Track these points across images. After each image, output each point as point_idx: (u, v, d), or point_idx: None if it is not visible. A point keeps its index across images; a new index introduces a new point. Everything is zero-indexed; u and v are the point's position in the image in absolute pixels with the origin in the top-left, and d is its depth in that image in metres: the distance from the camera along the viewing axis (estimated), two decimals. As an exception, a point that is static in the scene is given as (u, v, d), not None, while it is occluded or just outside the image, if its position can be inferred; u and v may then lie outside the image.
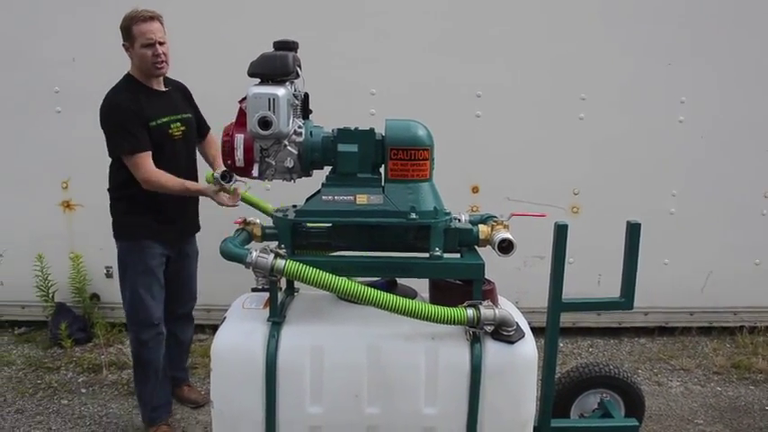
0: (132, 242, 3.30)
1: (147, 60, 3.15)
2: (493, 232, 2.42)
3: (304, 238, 2.47)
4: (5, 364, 4.37)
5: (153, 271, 3.31)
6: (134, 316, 3.35)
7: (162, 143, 3.21)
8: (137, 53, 3.16)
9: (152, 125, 3.17)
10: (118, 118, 3.12)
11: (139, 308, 3.31)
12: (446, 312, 2.24)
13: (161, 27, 3.18)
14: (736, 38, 4.49)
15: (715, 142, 4.60)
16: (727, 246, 4.71)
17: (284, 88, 2.31)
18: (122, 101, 3.14)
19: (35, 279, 4.59)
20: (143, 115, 3.14)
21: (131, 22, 3.13)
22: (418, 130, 2.32)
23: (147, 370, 3.40)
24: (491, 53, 4.44)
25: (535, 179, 4.51)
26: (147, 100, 3.20)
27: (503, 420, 2.35)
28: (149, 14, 3.14)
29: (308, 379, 2.30)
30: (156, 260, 3.32)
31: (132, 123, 3.10)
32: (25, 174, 4.57)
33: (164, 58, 3.18)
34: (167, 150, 3.24)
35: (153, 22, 3.14)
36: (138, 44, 3.13)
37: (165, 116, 3.23)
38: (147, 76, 3.23)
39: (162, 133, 3.21)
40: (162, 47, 3.16)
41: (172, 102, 3.33)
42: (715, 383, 4.27)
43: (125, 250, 3.33)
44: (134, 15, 3.14)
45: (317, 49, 3.26)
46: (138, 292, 3.29)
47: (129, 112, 3.10)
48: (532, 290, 4.28)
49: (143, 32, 3.11)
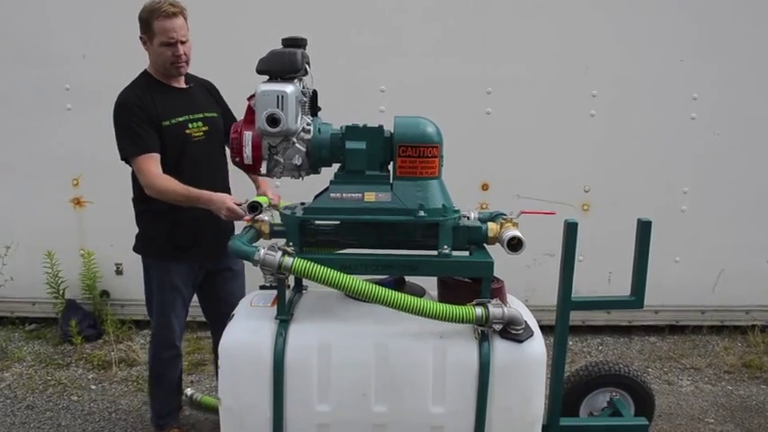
0: (157, 261, 3.14)
1: (166, 60, 2.95)
2: (502, 230, 2.40)
3: (312, 236, 2.47)
4: (16, 360, 4.40)
5: (178, 288, 3.13)
6: (158, 333, 3.24)
7: (178, 145, 2.99)
8: (155, 50, 2.95)
9: (165, 125, 2.95)
10: (123, 116, 2.94)
11: (164, 327, 3.19)
12: (454, 311, 2.23)
13: (184, 24, 2.95)
14: (748, 34, 4.45)
15: (727, 139, 4.57)
16: (739, 244, 4.68)
17: (293, 85, 2.30)
18: (129, 98, 2.95)
19: (45, 276, 4.62)
20: (153, 114, 2.93)
21: (152, 15, 2.89)
22: (427, 127, 2.31)
23: (160, 383, 3.33)
24: (501, 50, 4.42)
25: (546, 176, 4.49)
26: (161, 98, 2.99)
27: (511, 419, 2.33)
28: (173, 10, 2.89)
29: (315, 377, 2.29)
30: (183, 276, 3.13)
31: (138, 122, 2.90)
32: (36, 171, 4.60)
33: (184, 59, 2.97)
34: (186, 153, 3.01)
35: (176, 18, 2.90)
36: (157, 41, 2.92)
37: (181, 115, 3.01)
38: (165, 75, 3.04)
39: (177, 134, 2.98)
40: (183, 46, 2.94)
41: (192, 99, 3.09)
42: (726, 382, 4.24)
43: (149, 266, 3.18)
44: (156, 8, 2.89)
45: (327, 46, 3.25)
46: (164, 311, 3.15)
47: (134, 108, 2.91)
48: (542, 288, 4.28)
49: (164, 30, 2.89)
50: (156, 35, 2.91)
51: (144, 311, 4.68)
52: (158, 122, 2.94)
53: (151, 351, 3.32)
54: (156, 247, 3.11)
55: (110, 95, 3.14)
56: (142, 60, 3.11)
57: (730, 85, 4.50)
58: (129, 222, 3.26)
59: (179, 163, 2.98)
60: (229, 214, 2.73)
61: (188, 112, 3.04)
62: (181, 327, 3.25)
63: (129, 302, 4.79)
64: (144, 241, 3.17)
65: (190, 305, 3.27)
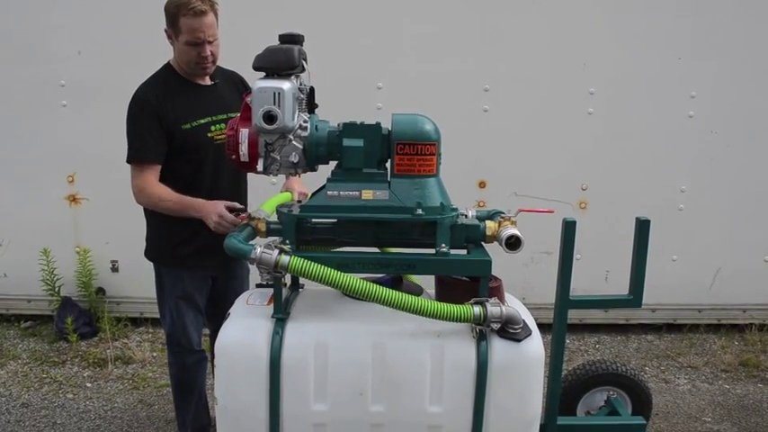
0: (170, 269, 3.03)
1: (191, 60, 2.78)
2: (500, 228, 2.38)
3: (309, 234, 2.45)
4: (11, 358, 4.38)
5: (191, 296, 3.04)
6: (176, 341, 3.09)
7: (200, 148, 2.84)
8: (179, 47, 2.78)
9: (185, 128, 2.80)
10: (135, 115, 2.80)
11: (181, 333, 3.06)
12: (452, 310, 2.22)
13: (214, 21, 2.75)
14: (746, 32, 4.45)
15: (725, 138, 4.57)
16: (737, 242, 4.68)
17: (290, 82, 2.28)
18: (147, 96, 2.80)
19: (41, 273, 4.59)
20: (170, 117, 2.78)
21: (179, 11, 2.69)
22: (425, 124, 2.29)
23: (190, 393, 3.18)
24: (499, 47, 4.41)
25: (543, 174, 4.49)
26: (183, 97, 2.83)
27: (509, 418, 2.32)
28: (202, 7, 2.67)
29: (312, 376, 2.28)
30: (195, 284, 3.04)
31: (148, 126, 2.76)
32: (31, 167, 4.58)
33: (211, 59, 2.79)
34: (209, 156, 2.85)
35: (205, 16, 2.69)
36: (182, 39, 2.73)
37: (204, 116, 2.84)
38: (189, 73, 2.87)
39: (199, 137, 2.83)
40: (211, 45, 2.75)
41: (217, 98, 2.90)
42: (723, 381, 4.24)
43: (161, 274, 3.07)
44: (184, 3, 2.67)
45: (323, 43, 3.23)
46: (180, 318, 3.04)
47: (148, 110, 2.77)
48: (538, 286, 4.27)
49: (192, 29, 2.70)
50: (183, 33, 2.73)
51: (140, 309, 4.76)
52: (176, 126, 2.80)
53: (171, 360, 3.17)
54: (169, 256, 3.01)
55: (105, 92, 3.13)
56: (139, 57, 3.06)
57: (728, 84, 4.49)
58: (125, 220, 3.24)
59: (200, 167, 2.87)
60: (220, 222, 2.57)
61: (211, 113, 2.87)
62: (198, 331, 3.12)
63: (125, 300, 4.78)
64: (156, 248, 3.06)
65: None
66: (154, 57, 2.93)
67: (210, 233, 2.65)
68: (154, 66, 2.94)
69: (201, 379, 3.23)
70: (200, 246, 2.88)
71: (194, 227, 2.77)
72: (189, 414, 3.22)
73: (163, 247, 3.03)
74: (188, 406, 3.21)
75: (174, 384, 3.24)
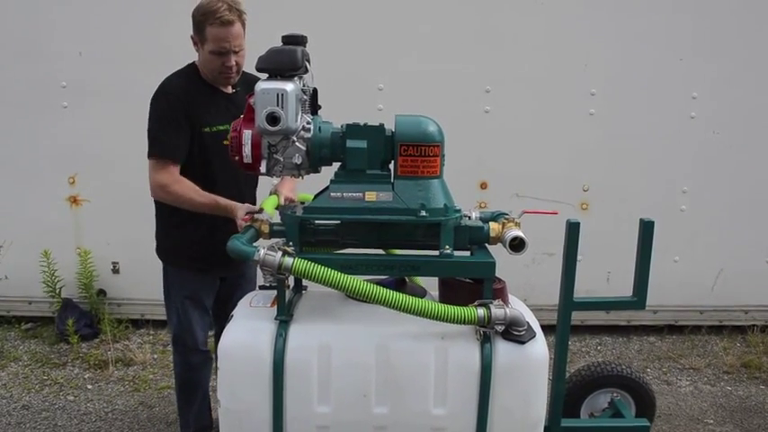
0: (177, 269, 3.05)
1: (215, 69, 2.78)
2: (504, 230, 2.38)
3: (312, 236, 2.44)
4: (12, 359, 4.37)
5: (198, 296, 3.06)
6: (182, 340, 3.10)
7: (216, 155, 2.84)
8: (204, 55, 2.77)
9: (206, 131, 2.81)
10: (161, 107, 2.78)
11: (187, 333, 3.06)
12: (456, 312, 2.21)
13: (241, 31, 2.73)
14: (748, 32, 4.45)
15: (727, 139, 4.56)
16: (739, 244, 4.68)
17: (293, 83, 2.27)
18: (174, 88, 2.79)
19: (42, 275, 4.58)
20: (195, 114, 2.78)
21: (205, 19, 2.68)
22: (429, 125, 2.28)
23: (194, 393, 3.18)
24: (500, 48, 4.40)
25: (544, 175, 4.48)
26: (206, 99, 2.83)
27: (513, 421, 2.31)
28: (229, 17, 2.65)
29: (315, 378, 2.27)
30: (203, 284, 3.06)
31: (175, 120, 2.75)
32: (32, 169, 4.57)
33: (235, 69, 2.79)
34: (224, 163, 2.74)
35: (232, 26, 2.68)
36: (208, 47, 2.73)
37: (222, 123, 2.81)
38: (212, 80, 2.87)
39: (215, 144, 2.82)
40: (236, 56, 2.75)
41: (236, 107, 2.79)
42: (725, 383, 4.23)
43: (168, 273, 3.08)
44: (211, 12, 2.66)
45: (325, 44, 3.22)
46: (186, 317, 3.04)
47: (176, 103, 2.76)
48: (540, 287, 4.26)
49: (217, 39, 2.69)
50: (208, 41, 2.72)
51: (141, 311, 4.75)
52: (198, 126, 2.81)
53: (176, 359, 3.19)
54: (177, 256, 3.03)
55: (106, 93, 3.11)
56: (140, 58, 3.05)
57: (730, 84, 4.49)
58: (126, 221, 3.24)
59: (213, 173, 2.86)
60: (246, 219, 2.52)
61: (229, 121, 2.78)
62: (204, 331, 3.13)
63: (126, 301, 4.78)
64: (164, 248, 3.08)
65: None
66: (155, 58, 2.92)
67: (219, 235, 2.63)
68: (155, 67, 2.93)
69: (206, 379, 3.22)
70: (209, 247, 2.87)
71: (204, 228, 2.81)
72: (191, 414, 3.22)
73: (171, 247, 3.05)
74: (191, 406, 3.21)
75: (177, 384, 3.24)
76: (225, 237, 2.57)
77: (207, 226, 2.86)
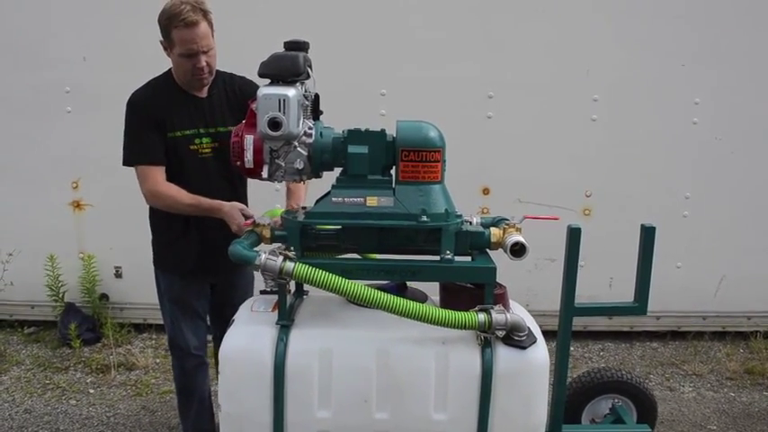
0: (167, 274, 3.07)
1: (186, 72, 2.77)
2: (505, 235, 2.38)
3: (313, 241, 2.44)
4: (14, 363, 4.38)
5: (189, 302, 3.07)
6: (176, 345, 3.12)
7: (182, 159, 2.85)
8: (175, 60, 2.78)
9: (169, 136, 2.82)
10: (129, 117, 2.82)
11: (179, 337, 3.08)
12: (457, 317, 2.21)
13: (207, 30, 2.71)
14: (750, 38, 4.45)
15: (729, 144, 4.56)
16: (741, 249, 4.67)
17: (295, 89, 2.27)
18: (140, 98, 2.83)
19: (46, 279, 4.59)
20: (161, 119, 2.79)
21: (170, 23, 2.67)
22: (430, 131, 2.29)
23: (191, 399, 3.19)
24: (503, 54, 4.41)
25: (547, 181, 4.48)
26: (173, 104, 2.83)
27: (514, 426, 2.31)
28: (193, 18, 2.63)
29: (316, 383, 2.27)
30: (190, 289, 3.06)
31: (144, 127, 2.77)
32: (35, 173, 4.59)
33: (207, 70, 2.77)
34: (195, 168, 2.85)
35: (196, 27, 2.66)
36: (176, 51, 2.72)
37: (189, 128, 2.84)
38: (186, 84, 2.87)
39: (181, 148, 2.84)
40: (206, 55, 2.73)
41: (207, 111, 2.87)
42: (728, 389, 4.22)
43: (160, 278, 3.11)
44: (174, 14, 2.64)
45: (328, 50, 3.23)
46: (176, 322, 3.07)
47: (141, 112, 2.80)
48: (542, 293, 4.26)
49: (184, 40, 2.67)
50: (176, 45, 2.70)
51: (143, 315, 4.77)
52: (166, 131, 2.82)
53: (173, 363, 3.21)
54: (163, 259, 3.07)
55: (110, 98, 3.12)
56: (143, 63, 3.05)
57: (732, 90, 4.49)
58: (129, 226, 3.24)
59: (182, 179, 2.84)
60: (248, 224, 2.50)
61: (198, 125, 2.86)
62: (199, 336, 3.13)
63: (129, 306, 4.78)
64: (155, 253, 3.10)
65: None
66: (159, 63, 2.93)
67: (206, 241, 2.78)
68: (159, 73, 2.94)
69: (201, 383, 3.22)
70: (194, 254, 2.94)
71: (189, 233, 2.87)
72: (189, 419, 3.23)
73: (157, 251, 3.08)
74: (188, 410, 3.22)
75: (176, 388, 3.26)
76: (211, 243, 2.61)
77: (195, 231, 2.90)
